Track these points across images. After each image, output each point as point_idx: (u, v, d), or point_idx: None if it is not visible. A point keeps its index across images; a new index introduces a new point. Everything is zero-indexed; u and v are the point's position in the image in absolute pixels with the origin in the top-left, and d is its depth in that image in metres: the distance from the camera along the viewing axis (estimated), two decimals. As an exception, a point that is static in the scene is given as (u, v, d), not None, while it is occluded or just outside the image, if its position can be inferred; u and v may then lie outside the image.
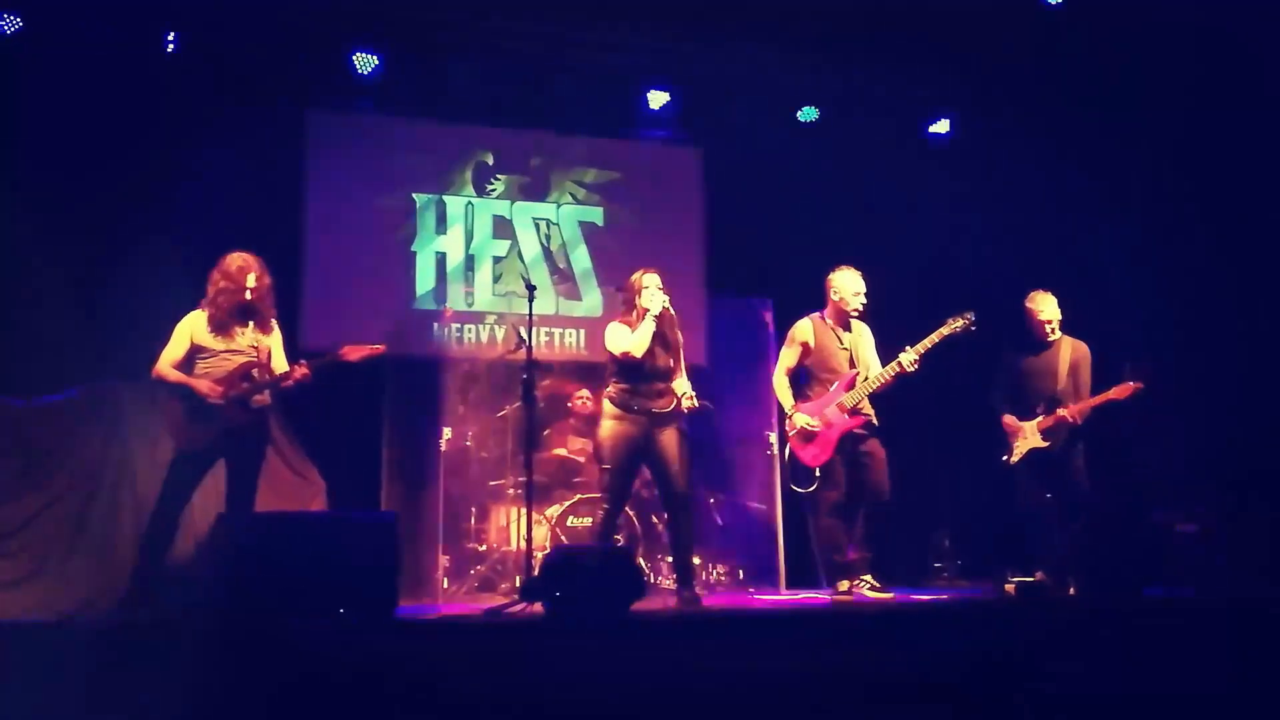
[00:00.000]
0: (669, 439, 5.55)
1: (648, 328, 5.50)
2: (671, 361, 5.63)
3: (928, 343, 5.71)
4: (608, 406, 5.61)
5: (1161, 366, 5.94)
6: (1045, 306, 6.08)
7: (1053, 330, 6.05)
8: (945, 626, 5.09)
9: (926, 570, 7.57)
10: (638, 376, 5.54)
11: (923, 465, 6.38)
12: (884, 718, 4.23)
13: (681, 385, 5.67)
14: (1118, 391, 5.86)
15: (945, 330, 5.74)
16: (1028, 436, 5.97)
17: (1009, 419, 6.05)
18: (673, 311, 5.66)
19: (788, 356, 5.93)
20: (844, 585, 5.73)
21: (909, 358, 5.66)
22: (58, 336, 6.38)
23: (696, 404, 5.60)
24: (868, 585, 5.67)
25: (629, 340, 5.52)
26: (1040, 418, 5.94)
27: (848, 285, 5.89)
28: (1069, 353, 6.02)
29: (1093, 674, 4.44)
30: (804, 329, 5.92)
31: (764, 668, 4.40)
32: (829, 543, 5.78)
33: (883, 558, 6.81)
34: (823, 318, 5.95)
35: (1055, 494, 5.96)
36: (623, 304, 5.76)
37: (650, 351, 5.53)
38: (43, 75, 6.66)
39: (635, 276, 5.69)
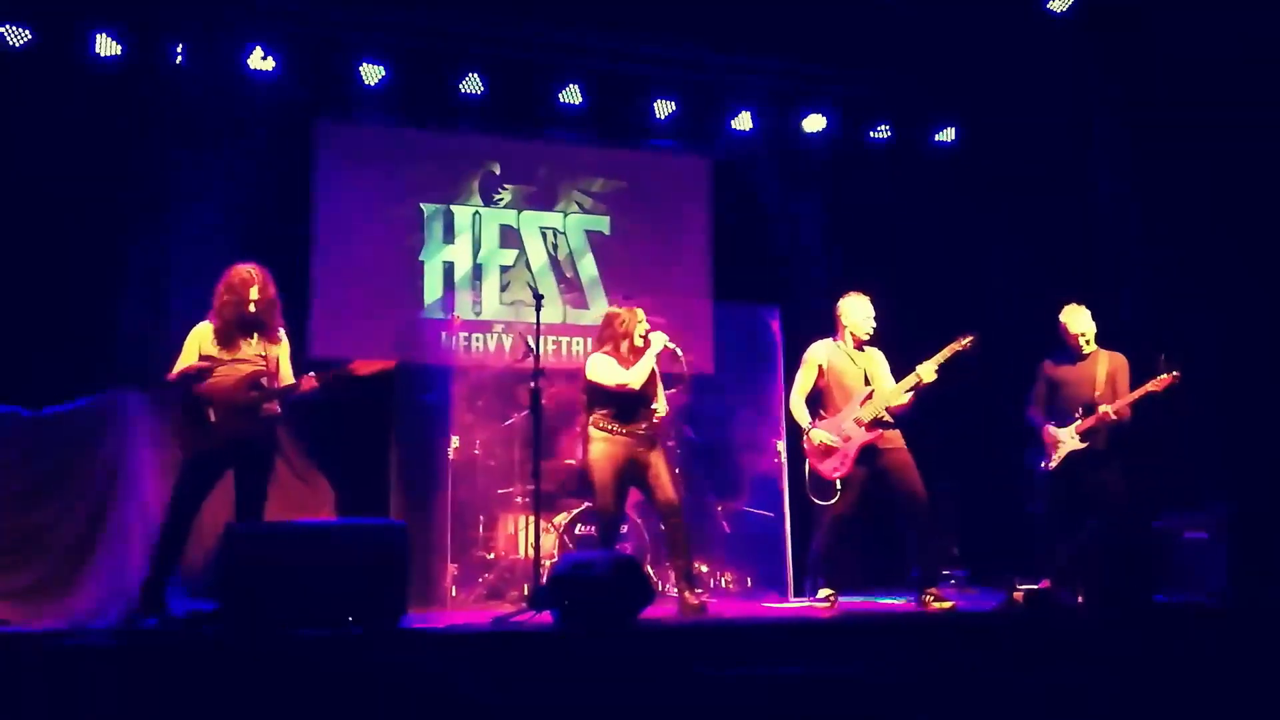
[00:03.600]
0: (655, 457, 5.66)
1: (648, 363, 5.59)
2: (649, 385, 5.71)
3: (941, 357, 5.76)
4: (593, 431, 5.67)
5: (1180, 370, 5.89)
6: (1079, 320, 6.10)
7: (1087, 343, 6.07)
8: (953, 635, 5.08)
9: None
10: (623, 404, 5.62)
11: (932, 473, 6.37)
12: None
13: (660, 407, 5.76)
14: (1155, 384, 5.85)
15: (956, 346, 5.80)
16: (1065, 441, 5.97)
17: (1049, 430, 6.06)
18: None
19: (804, 379, 6.01)
20: (825, 593, 5.83)
21: (928, 370, 5.70)
22: (67, 347, 6.42)
23: (665, 412, 5.75)
24: (933, 598, 5.68)
25: (626, 375, 5.59)
26: (1078, 421, 5.95)
27: (857, 310, 5.98)
28: (1106, 363, 6.03)
29: (1100, 680, 4.44)
30: (818, 352, 6.01)
31: (771, 676, 4.40)
32: (817, 553, 5.94)
33: (898, 565, 6.83)
34: (835, 340, 6.02)
35: (1088, 499, 5.93)
36: (607, 339, 5.77)
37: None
38: (52, 86, 6.70)
39: (623, 317, 5.74)
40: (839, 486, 5.80)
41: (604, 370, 5.65)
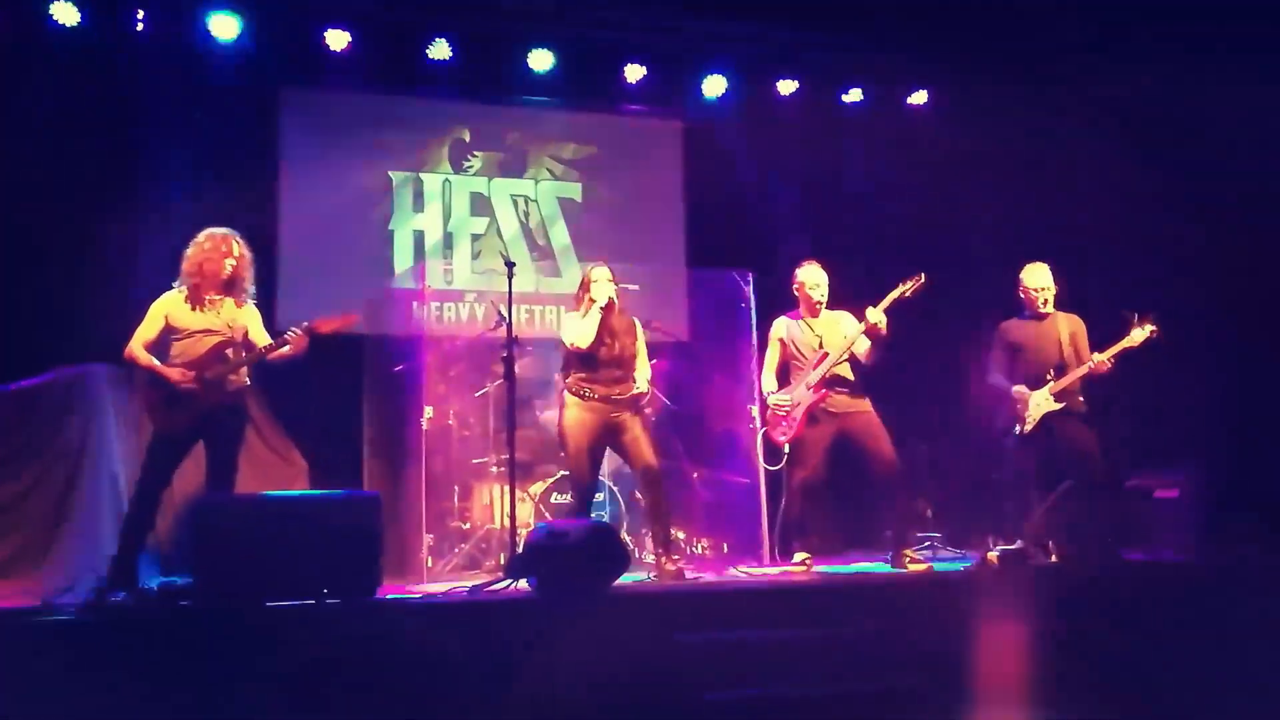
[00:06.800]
0: (631, 421, 5.64)
1: (593, 319, 5.57)
2: (623, 349, 5.67)
3: (884, 305, 5.74)
4: (566, 396, 5.69)
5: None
6: (1037, 276, 6.04)
7: (1045, 301, 6.01)
8: (928, 597, 5.12)
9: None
10: (593, 365, 5.62)
11: (905, 435, 6.40)
12: (866, 689, 4.27)
13: (642, 372, 5.74)
14: (1131, 340, 5.78)
15: (899, 291, 5.79)
16: (1040, 404, 5.88)
17: (1019, 390, 5.96)
18: (617, 300, 5.66)
19: (770, 355, 6.12)
20: (800, 556, 5.87)
21: (873, 315, 5.69)
22: (32, 321, 6.33)
23: (646, 389, 5.73)
24: (909, 559, 5.74)
25: (574, 331, 5.61)
26: (1051, 382, 5.90)
27: (809, 279, 6.02)
28: (1065, 325, 5.98)
29: (1075, 638, 4.48)
30: (778, 327, 6.11)
31: (747, 640, 4.42)
32: (788, 519, 6.00)
33: (873, 528, 6.87)
34: (795, 313, 6.09)
35: (1062, 459, 5.92)
36: (578, 300, 5.79)
37: (600, 341, 5.59)
38: (13, 57, 6.57)
39: (587, 271, 5.78)
40: (786, 450, 5.87)
41: (564, 328, 5.72)
